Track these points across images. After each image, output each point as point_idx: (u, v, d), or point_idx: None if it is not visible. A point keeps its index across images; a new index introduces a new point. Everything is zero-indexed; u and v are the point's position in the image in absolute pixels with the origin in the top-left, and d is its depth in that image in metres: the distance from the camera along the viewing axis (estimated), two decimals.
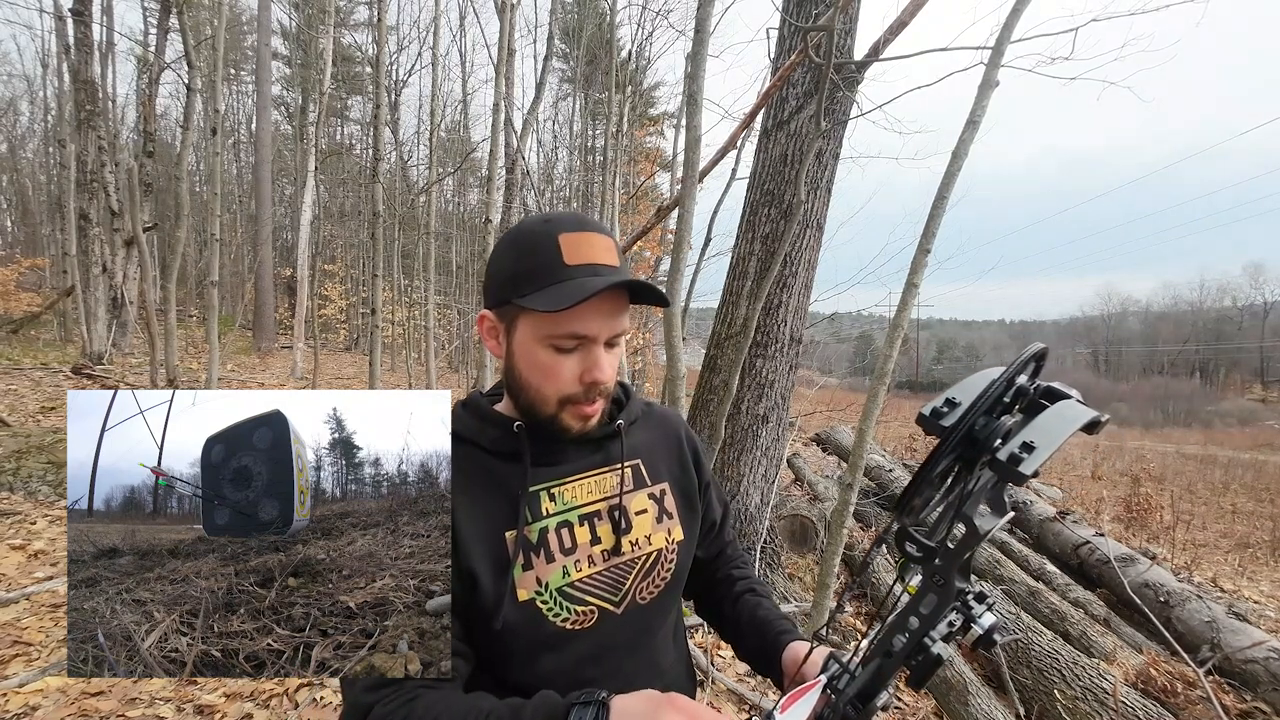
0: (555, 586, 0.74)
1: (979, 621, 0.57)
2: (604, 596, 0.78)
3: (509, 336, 0.74)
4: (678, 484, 0.89)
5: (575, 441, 0.79)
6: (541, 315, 0.69)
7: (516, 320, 0.73)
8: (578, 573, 0.76)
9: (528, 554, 0.74)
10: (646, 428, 0.90)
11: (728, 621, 0.95)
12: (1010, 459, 0.47)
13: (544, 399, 0.74)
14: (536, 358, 0.72)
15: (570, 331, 0.70)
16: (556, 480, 0.78)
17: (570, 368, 0.72)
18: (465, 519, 0.72)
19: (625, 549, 0.80)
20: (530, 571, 0.73)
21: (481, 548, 0.72)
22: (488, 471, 0.76)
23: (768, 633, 0.87)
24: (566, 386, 0.72)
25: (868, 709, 0.60)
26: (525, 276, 0.70)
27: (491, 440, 0.77)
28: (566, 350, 0.71)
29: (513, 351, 0.75)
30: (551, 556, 0.75)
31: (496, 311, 0.75)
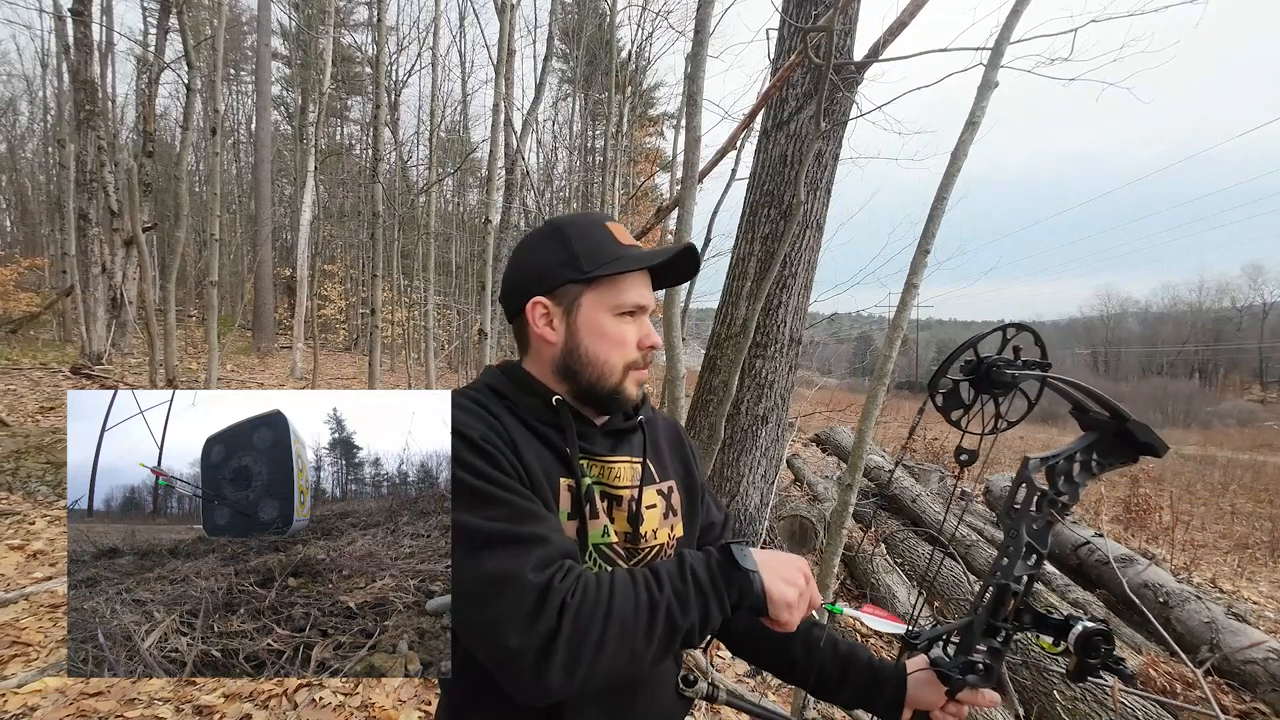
0: (594, 541, 0.77)
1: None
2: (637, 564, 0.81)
3: (569, 316, 0.79)
4: (682, 483, 0.91)
5: (601, 430, 0.83)
6: (607, 288, 0.78)
7: (579, 299, 0.78)
8: (610, 538, 0.79)
9: (578, 504, 0.76)
10: (655, 427, 0.92)
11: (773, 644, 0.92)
12: None
13: (612, 368, 0.79)
14: (604, 328, 0.78)
15: (633, 301, 0.79)
16: (588, 456, 0.81)
17: (631, 335, 0.79)
18: (530, 455, 0.73)
19: (639, 538, 0.83)
20: (573, 522, 0.76)
21: (545, 485, 0.74)
22: (529, 428, 0.77)
23: (858, 657, 0.88)
24: (630, 353, 0.80)
25: (970, 663, 0.72)
26: (588, 255, 0.77)
27: (528, 407, 0.79)
28: (629, 317, 0.79)
29: (576, 328, 0.79)
30: (595, 513, 0.77)
31: (552, 296, 0.79)
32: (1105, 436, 0.75)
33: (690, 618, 0.66)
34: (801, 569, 0.73)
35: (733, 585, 0.68)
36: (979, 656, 0.73)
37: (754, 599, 0.68)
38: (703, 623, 0.67)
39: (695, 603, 0.66)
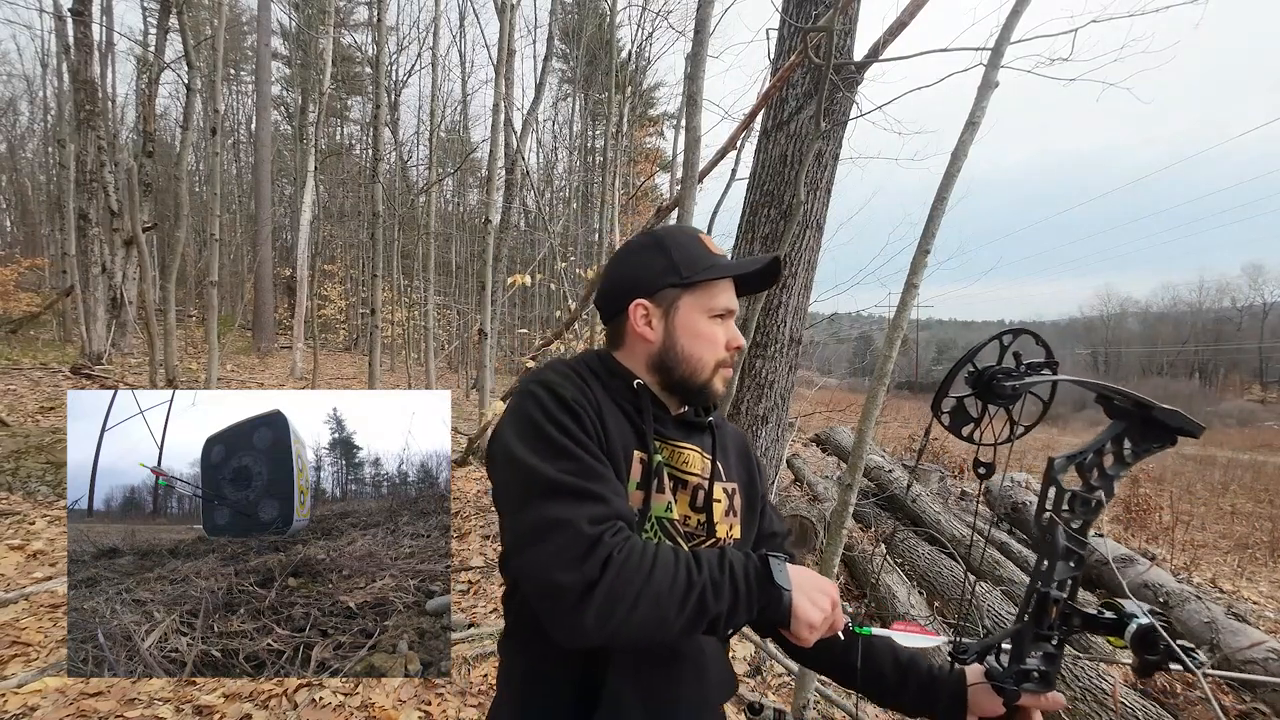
0: (656, 514, 0.82)
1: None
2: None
3: (668, 318, 0.88)
4: (744, 489, 0.97)
5: (675, 419, 0.90)
6: (702, 292, 0.87)
7: (678, 301, 0.87)
8: (673, 514, 0.84)
9: (647, 477, 0.81)
10: (724, 432, 0.99)
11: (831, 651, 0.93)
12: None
13: (704, 365, 0.87)
14: (700, 328, 0.87)
15: (724, 305, 0.88)
16: (661, 438, 0.87)
17: (721, 336, 0.88)
18: (612, 424, 0.80)
19: (707, 525, 0.88)
20: (640, 493, 0.81)
21: (620, 454, 0.80)
22: (614, 403, 0.85)
23: (917, 664, 0.91)
24: (720, 352, 0.88)
25: (1023, 670, 0.72)
26: (686, 264, 0.87)
27: (614, 388, 0.87)
28: (720, 320, 0.88)
29: (674, 329, 0.87)
30: (661, 489, 0.83)
31: (653, 299, 0.87)
32: (1134, 423, 0.73)
33: (720, 606, 0.70)
34: (830, 594, 0.76)
35: (764, 595, 0.73)
36: (1033, 663, 0.72)
37: (779, 614, 0.72)
38: (729, 616, 0.71)
39: (727, 595, 0.70)
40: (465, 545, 3.93)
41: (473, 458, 5.75)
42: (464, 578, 3.44)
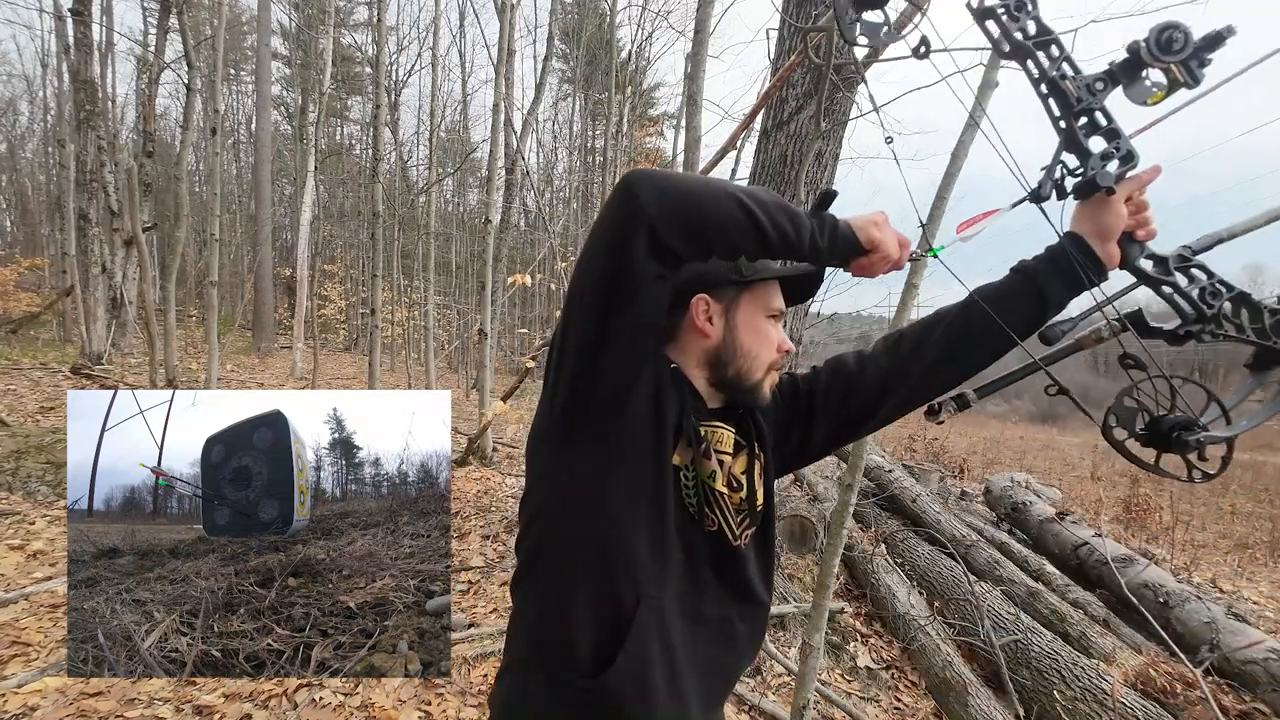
0: (702, 477, 0.83)
1: None
2: (729, 520, 0.86)
3: (728, 314, 0.89)
4: (774, 437, 0.98)
5: (708, 408, 0.92)
6: (761, 291, 0.90)
7: (739, 298, 0.89)
8: (718, 484, 0.84)
9: (694, 440, 0.83)
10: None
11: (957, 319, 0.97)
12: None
13: (759, 364, 0.89)
14: (759, 326, 0.90)
15: (778, 305, 0.92)
16: (695, 415, 0.87)
17: (774, 336, 0.91)
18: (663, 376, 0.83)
19: (748, 498, 0.89)
20: (689, 451, 0.83)
21: (669, 414, 0.81)
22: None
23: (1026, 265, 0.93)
24: (773, 351, 0.91)
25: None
26: (746, 263, 0.88)
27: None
28: (774, 320, 0.91)
29: (735, 325, 0.89)
30: (708, 454, 0.83)
31: (714, 295, 0.89)
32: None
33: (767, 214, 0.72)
34: (876, 219, 0.82)
35: (820, 218, 0.78)
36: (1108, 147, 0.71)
37: (842, 233, 0.78)
38: (794, 226, 0.74)
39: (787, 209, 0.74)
40: (465, 545, 3.93)
41: (473, 458, 5.75)
42: (464, 578, 3.44)
